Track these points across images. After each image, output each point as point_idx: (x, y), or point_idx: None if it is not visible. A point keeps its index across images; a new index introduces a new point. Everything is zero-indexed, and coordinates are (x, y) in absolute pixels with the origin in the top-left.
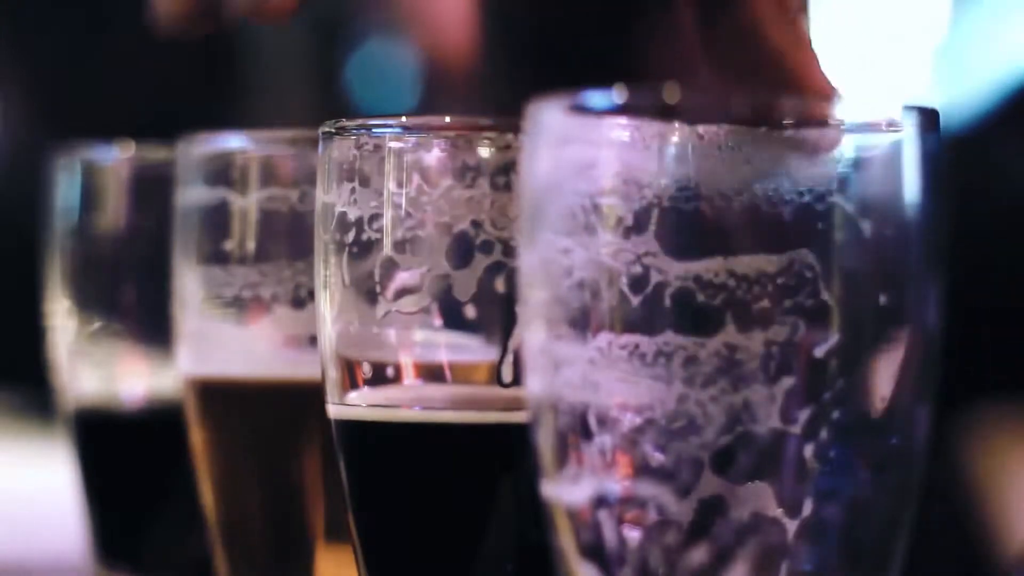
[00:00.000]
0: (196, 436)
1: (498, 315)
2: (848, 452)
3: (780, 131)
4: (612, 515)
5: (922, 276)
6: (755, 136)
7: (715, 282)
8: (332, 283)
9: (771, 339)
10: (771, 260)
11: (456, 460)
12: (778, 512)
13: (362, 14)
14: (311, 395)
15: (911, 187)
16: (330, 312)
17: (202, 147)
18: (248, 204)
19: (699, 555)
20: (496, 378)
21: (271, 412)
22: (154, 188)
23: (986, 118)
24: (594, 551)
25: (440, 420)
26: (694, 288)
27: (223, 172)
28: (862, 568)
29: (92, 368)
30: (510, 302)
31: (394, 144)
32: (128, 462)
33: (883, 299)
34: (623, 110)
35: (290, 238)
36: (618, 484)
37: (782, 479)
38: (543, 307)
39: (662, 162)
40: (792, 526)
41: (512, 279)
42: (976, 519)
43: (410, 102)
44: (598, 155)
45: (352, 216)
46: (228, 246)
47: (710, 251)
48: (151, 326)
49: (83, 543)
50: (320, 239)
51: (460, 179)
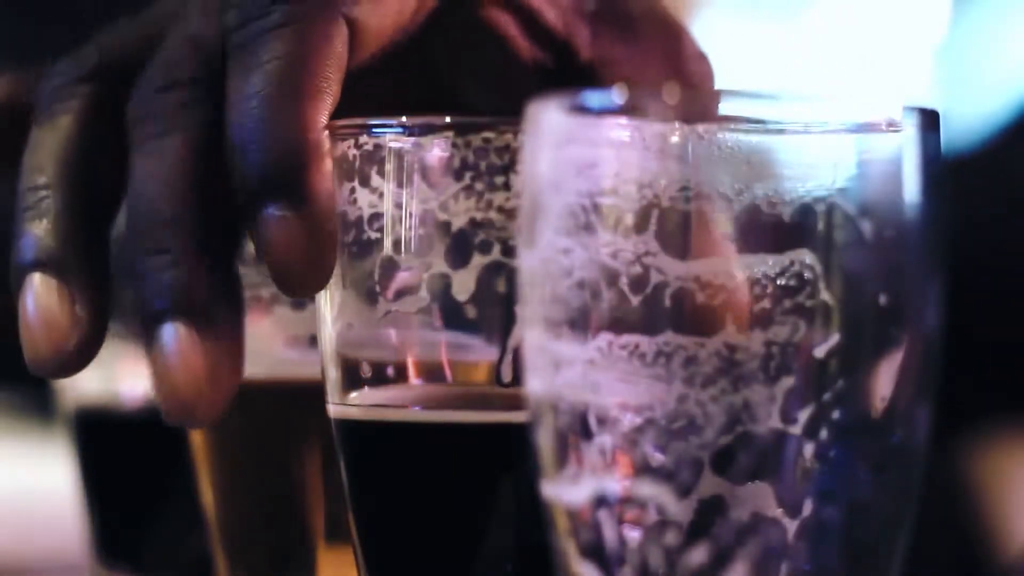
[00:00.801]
0: (196, 436)
1: (497, 315)
2: (848, 452)
3: (780, 131)
4: (612, 515)
5: (922, 276)
6: (755, 136)
7: (715, 282)
8: (332, 283)
9: (771, 339)
10: (771, 260)
11: (456, 460)
12: (778, 512)
13: None
14: (311, 395)
15: (911, 187)
16: (330, 312)
17: None
18: None
19: (699, 555)
20: (495, 378)
21: (271, 412)
22: None
23: (997, 132)
24: (594, 551)
25: (440, 420)
26: (694, 288)
27: None
28: (862, 568)
29: (92, 368)
30: (509, 301)
31: (394, 144)
32: (128, 462)
33: (883, 299)
34: (623, 110)
35: None
36: (618, 484)
37: (782, 479)
38: (543, 307)
39: (662, 162)
40: (792, 526)
41: (512, 279)
42: (976, 520)
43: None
44: (598, 155)
45: (352, 216)
46: None
47: (710, 251)
48: None
49: (83, 543)
50: None
51: (459, 178)
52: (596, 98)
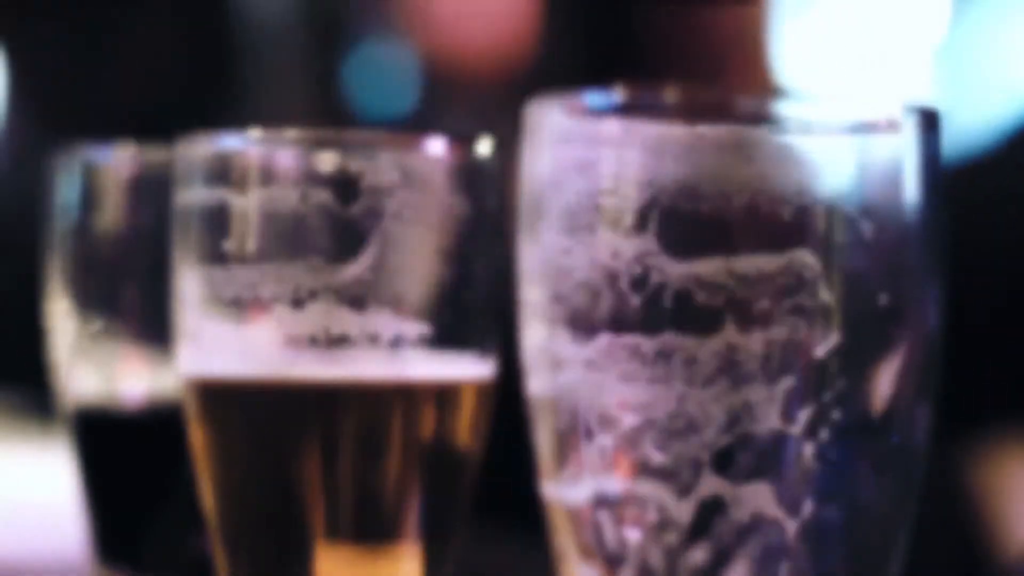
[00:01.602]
0: (196, 436)
1: None
2: (848, 452)
3: (780, 131)
4: (612, 515)
5: (922, 276)
6: (755, 136)
7: (715, 282)
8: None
9: (771, 339)
10: (771, 260)
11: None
12: (778, 512)
13: (362, 15)
14: (311, 395)
15: (911, 188)
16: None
17: (202, 147)
18: (248, 204)
19: (699, 555)
20: None
21: (271, 412)
22: (154, 188)
23: (1001, 137)
24: (594, 551)
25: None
26: (694, 288)
27: (223, 172)
28: (862, 568)
29: (92, 368)
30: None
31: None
32: (128, 462)
33: (883, 299)
34: (623, 110)
35: (290, 238)
36: (618, 484)
37: (782, 479)
38: (543, 307)
39: (662, 162)
40: (792, 526)
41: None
42: (976, 520)
43: (409, 104)
44: (598, 155)
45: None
46: (228, 246)
47: (710, 251)
48: (151, 326)
49: (83, 543)
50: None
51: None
52: (596, 98)
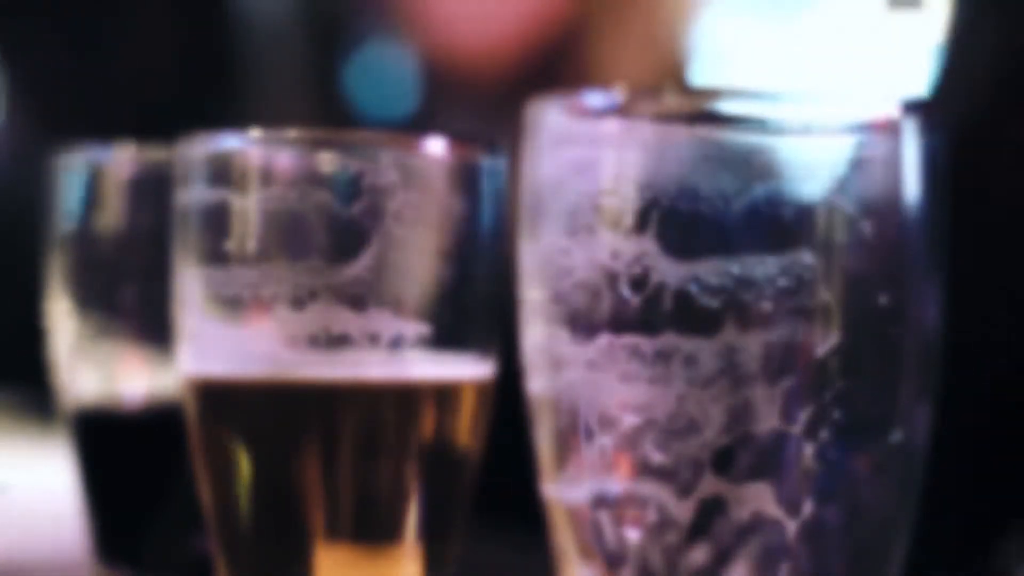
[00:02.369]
0: (196, 436)
1: None
2: (848, 452)
3: (780, 131)
4: (612, 515)
5: (922, 276)
6: (755, 136)
7: (715, 282)
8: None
9: (771, 339)
10: (771, 260)
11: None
12: (778, 512)
13: (362, 15)
14: (311, 395)
15: (911, 187)
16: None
17: (202, 147)
18: (248, 204)
19: (699, 555)
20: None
21: (271, 412)
22: (154, 188)
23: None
24: (594, 551)
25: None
26: (694, 288)
27: (223, 172)
28: (862, 568)
29: (92, 368)
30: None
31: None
32: (128, 462)
33: (883, 299)
34: (623, 110)
35: (290, 238)
36: (618, 484)
37: (782, 479)
38: (543, 307)
39: (662, 162)
40: (792, 526)
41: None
42: (976, 519)
43: (410, 105)
44: (598, 155)
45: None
46: (228, 246)
47: (710, 251)
48: (151, 326)
49: (83, 543)
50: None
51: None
52: (596, 98)
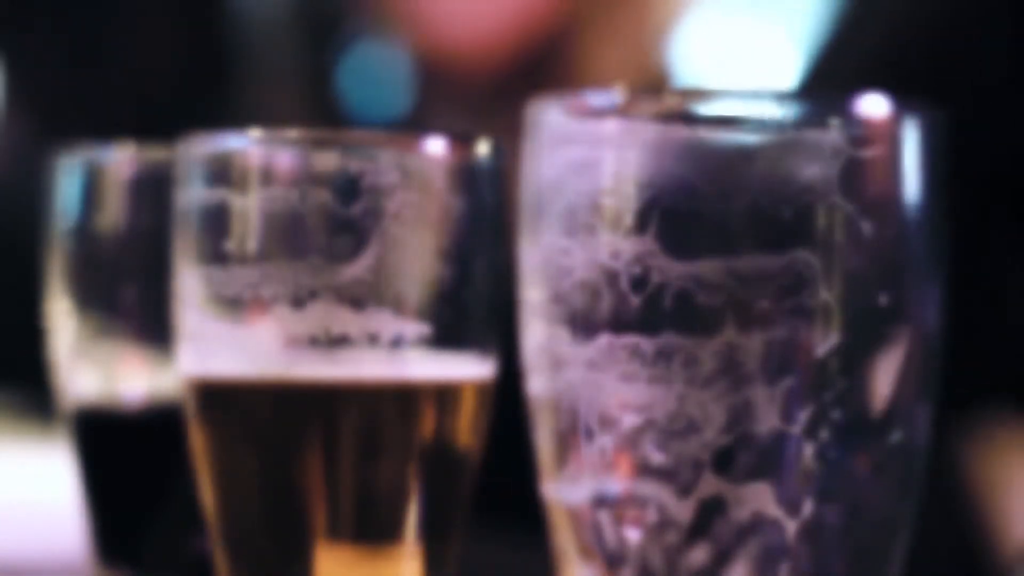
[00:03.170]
0: (196, 436)
1: None
2: (848, 452)
3: (780, 131)
4: (612, 515)
5: (922, 276)
6: (755, 136)
7: (715, 282)
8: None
9: (771, 339)
10: (771, 260)
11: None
12: (778, 512)
13: (357, 14)
14: (311, 395)
15: (911, 187)
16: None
17: (202, 147)
18: (248, 204)
19: (699, 555)
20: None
21: (271, 412)
22: (154, 188)
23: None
24: (594, 551)
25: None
26: (694, 288)
27: (223, 172)
28: (862, 568)
29: (92, 368)
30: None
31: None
32: (128, 462)
33: (883, 299)
34: (623, 110)
35: (290, 238)
36: (618, 484)
37: (782, 479)
38: (543, 307)
39: (662, 162)
40: (792, 526)
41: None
42: (976, 519)
43: (405, 105)
44: (598, 155)
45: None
46: (228, 246)
47: (710, 251)
48: (151, 326)
49: (83, 543)
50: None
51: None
52: (596, 98)
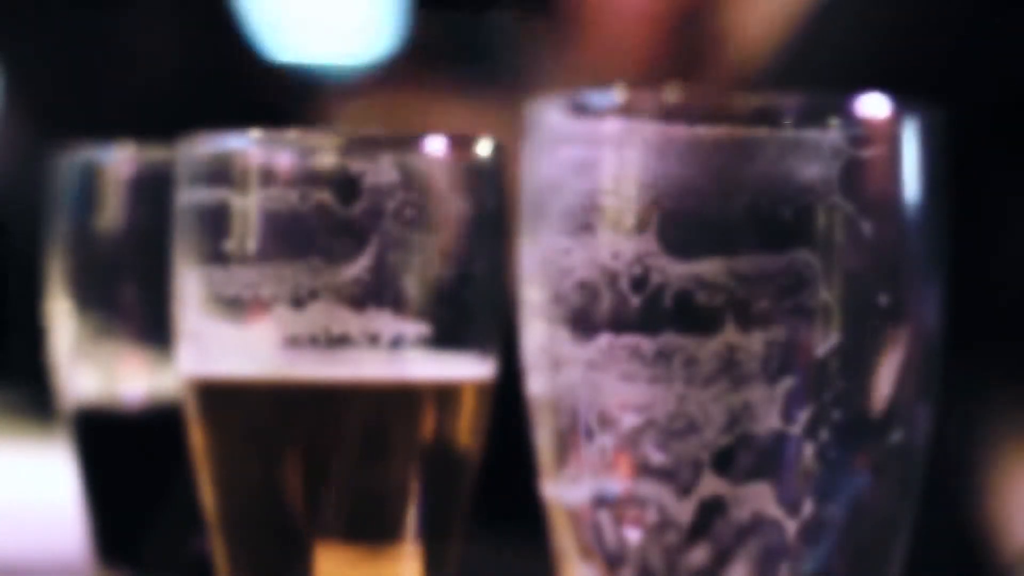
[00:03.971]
0: (196, 436)
1: None
2: (848, 452)
3: (780, 131)
4: (612, 515)
5: (922, 276)
6: (755, 136)
7: (715, 282)
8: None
9: (771, 339)
10: (771, 260)
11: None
12: (778, 512)
13: None
14: (311, 395)
15: (911, 187)
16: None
17: (202, 147)
18: (248, 204)
19: (699, 555)
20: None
21: (271, 412)
22: (154, 188)
23: None
24: (594, 551)
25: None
26: (694, 288)
27: (223, 172)
28: (862, 568)
29: (92, 368)
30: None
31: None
32: (128, 462)
33: (883, 299)
34: (623, 110)
35: (290, 238)
36: (618, 484)
37: (782, 479)
38: (543, 307)
39: (662, 162)
40: (792, 526)
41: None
42: (976, 519)
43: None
44: (598, 155)
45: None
46: (228, 246)
47: (711, 251)
48: (151, 326)
49: (83, 543)
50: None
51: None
52: (596, 98)
